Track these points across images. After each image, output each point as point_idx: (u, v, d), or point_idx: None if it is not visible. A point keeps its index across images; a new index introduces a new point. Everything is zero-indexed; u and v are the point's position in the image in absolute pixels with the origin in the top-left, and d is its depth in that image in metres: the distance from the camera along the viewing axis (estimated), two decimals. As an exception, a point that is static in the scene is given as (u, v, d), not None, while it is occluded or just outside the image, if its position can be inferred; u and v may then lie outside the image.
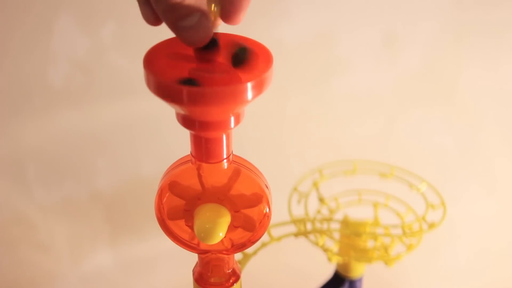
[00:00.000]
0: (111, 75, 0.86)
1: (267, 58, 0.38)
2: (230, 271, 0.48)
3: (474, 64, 0.91)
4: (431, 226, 0.68)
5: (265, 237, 0.66)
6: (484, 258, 1.12)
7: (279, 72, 0.89)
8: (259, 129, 0.94)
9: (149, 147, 0.92)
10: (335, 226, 0.71)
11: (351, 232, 0.68)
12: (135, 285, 1.08)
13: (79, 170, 0.93)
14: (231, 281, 0.48)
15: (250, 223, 0.44)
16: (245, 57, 0.39)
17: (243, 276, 0.51)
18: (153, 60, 0.38)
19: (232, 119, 0.38)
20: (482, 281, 1.14)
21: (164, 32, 0.42)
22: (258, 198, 0.44)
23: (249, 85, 0.34)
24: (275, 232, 0.68)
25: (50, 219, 0.97)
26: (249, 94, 0.35)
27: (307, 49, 0.88)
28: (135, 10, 0.83)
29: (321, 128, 0.95)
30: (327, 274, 0.78)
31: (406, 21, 0.87)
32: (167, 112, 0.54)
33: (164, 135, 0.91)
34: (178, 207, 0.43)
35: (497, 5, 0.86)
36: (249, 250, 0.64)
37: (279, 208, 0.72)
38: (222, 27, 0.40)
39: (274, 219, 0.68)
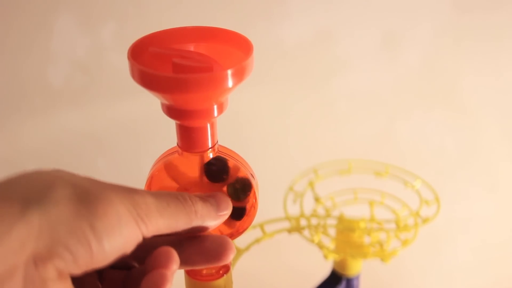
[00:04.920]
0: (111, 75, 0.87)
1: (247, 47, 0.39)
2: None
3: (473, 65, 0.91)
4: (425, 220, 0.69)
5: (258, 233, 0.66)
6: (483, 258, 1.12)
7: (279, 72, 0.90)
8: (259, 128, 0.94)
9: (149, 147, 0.92)
10: (330, 223, 0.71)
11: (345, 227, 0.69)
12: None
13: (79, 170, 0.93)
14: (221, 272, 0.48)
15: (237, 213, 0.45)
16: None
17: (243, 274, 0.51)
18: (138, 52, 0.39)
19: (215, 107, 0.39)
20: (482, 280, 1.14)
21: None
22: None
23: (229, 72, 0.35)
24: (270, 228, 0.68)
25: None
26: (230, 81, 0.35)
27: (307, 49, 0.89)
28: (135, 10, 0.84)
29: (321, 128, 0.95)
30: (324, 272, 0.78)
31: (406, 22, 0.88)
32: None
33: (164, 135, 0.91)
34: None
35: (495, 8, 0.87)
36: (241, 245, 0.65)
37: (276, 208, 0.72)
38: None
39: (268, 217, 0.68)
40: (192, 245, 0.40)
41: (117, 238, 0.33)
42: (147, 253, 0.37)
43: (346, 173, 0.77)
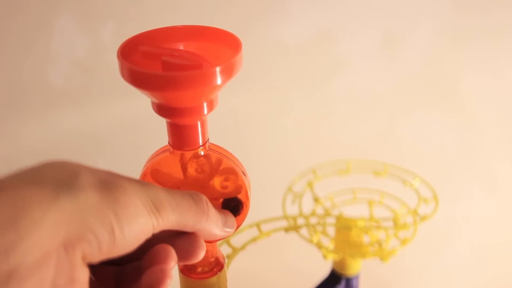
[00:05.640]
0: (111, 75, 0.87)
1: (236, 45, 0.39)
2: (213, 259, 0.49)
3: (473, 65, 0.91)
4: (423, 218, 0.69)
5: (255, 232, 0.66)
6: (483, 257, 1.11)
7: (279, 72, 0.90)
8: (258, 128, 0.94)
9: (149, 146, 0.92)
10: (328, 222, 0.71)
11: (342, 225, 0.69)
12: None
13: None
14: (214, 270, 0.49)
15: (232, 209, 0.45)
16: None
17: (241, 274, 0.51)
18: (128, 51, 0.39)
19: (205, 105, 0.39)
20: (481, 279, 1.14)
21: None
22: (238, 188, 0.44)
23: (218, 69, 0.35)
24: (267, 227, 0.68)
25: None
26: (219, 78, 0.35)
27: (308, 49, 0.89)
28: (135, 10, 0.84)
29: (320, 127, 0.95)
30: (323, 272, 0.78)
31: (406, 22, 0.87)
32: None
33: (164, 134, 0.91)
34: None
35: (495, 8, 0.87)
36: (237, 244, 0.65)
37: (274, 207, 0.72)
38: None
39: (266, 216, 0.68)
40: (166, 242, 0.40)
41: (135, 228, 0.34)
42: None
43: (345, 173, 0.77)
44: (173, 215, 0.36)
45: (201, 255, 0.40)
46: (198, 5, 0.84)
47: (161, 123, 0.93)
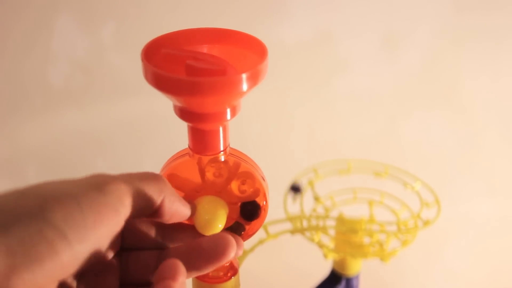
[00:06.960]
0: (111, 75, 0.86)
1: (262, 51, 0.39)
2: (228, 264, 0.49)
3: (473, 66, 0.91)
4: (426, 223, 0.69)
5: (262, 234, 0.66)
6: (484, 258, 1.12)
7: (279, 72, 0.90)
8: (258, 128, 0.94)
9: (149, 146, 0.92)
10: (330, 223, 0.71)
11: (347, 229, 0.69)
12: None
13: (79, 170, 0.93)
14: (229, 274, 0.48)
15: (250, 213, 0.45)
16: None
17: (242, 274, 0.51)
18: (151, 53, 0.39)
19: (228, 111, 0.39)
20: (482, 280, 1.14)
21: (163, 32, 0.42)
22: (256, 191, 0.44)
23: (244, 76, 0.35)
24: (272, 229, 0.68)
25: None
26: (245, 85, 0.35)
27: (308, 50, 0.89)
28: (135, 10, 0.84)
29: (321, 127, 0.96)
30: (324, 272, 0.78)
31: (406, 22, 0.88)
32: (167, 111, 0.55)
33: (165, 134, 0.91)
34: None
35: (495, 9, 0.87)
36: (246, 246, 0.65)
37: (276, 206, 0.72)
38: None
39: (270, 217, 0.68)
40: (193, 250, 0.39)
41: (89, 235, 0.31)
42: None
43: (346, 173, 0.77)
44: (127, 191, 0.35)
45: (231, 253, 0.38)
46: (198, 5, 0.84)
47: (161, 123, 0.93)
